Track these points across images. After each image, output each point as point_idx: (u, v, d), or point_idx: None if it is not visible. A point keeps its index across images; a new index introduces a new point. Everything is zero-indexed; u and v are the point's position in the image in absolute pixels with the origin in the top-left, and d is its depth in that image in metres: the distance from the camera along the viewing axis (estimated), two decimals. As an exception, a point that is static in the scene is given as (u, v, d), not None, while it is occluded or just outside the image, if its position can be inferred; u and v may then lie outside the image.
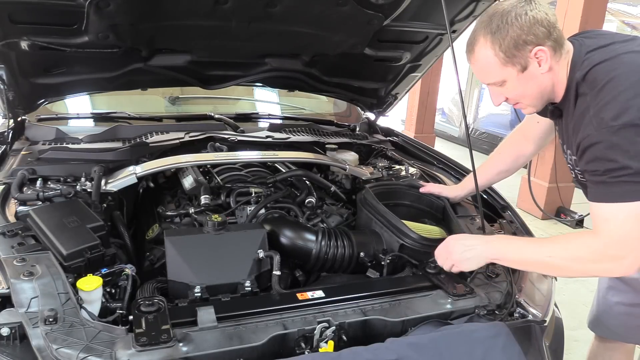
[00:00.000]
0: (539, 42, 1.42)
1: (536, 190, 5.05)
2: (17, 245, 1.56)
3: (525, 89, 1.51)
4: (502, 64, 1.46)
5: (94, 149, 2.30)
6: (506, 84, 1.51)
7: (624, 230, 1.36)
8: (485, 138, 7.94)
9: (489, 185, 2.15)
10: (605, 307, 2.08)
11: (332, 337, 1.39)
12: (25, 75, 2.28)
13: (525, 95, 1.54)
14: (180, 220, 2.03)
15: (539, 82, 1.49)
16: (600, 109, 1.37)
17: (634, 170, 1.32)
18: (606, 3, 4.90)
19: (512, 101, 1.58)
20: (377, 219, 1.91)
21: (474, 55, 1.51)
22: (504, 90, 1.53)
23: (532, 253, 1.54)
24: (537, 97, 1.54)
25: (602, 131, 1.35)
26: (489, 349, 1.36)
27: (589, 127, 1.39)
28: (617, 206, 1.36)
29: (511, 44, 1.42)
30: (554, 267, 1.51)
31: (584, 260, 1.44)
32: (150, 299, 1.42)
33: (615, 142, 1.34)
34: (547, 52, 1.44)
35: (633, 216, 1.35)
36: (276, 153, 2.34)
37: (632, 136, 1.32)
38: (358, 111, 3.34)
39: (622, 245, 1.37)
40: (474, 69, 1.56)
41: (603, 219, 1.40)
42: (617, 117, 1.33)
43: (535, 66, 1.45)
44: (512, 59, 1.44)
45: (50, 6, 1.91)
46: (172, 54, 2.40)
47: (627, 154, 1.32)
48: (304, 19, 2.23)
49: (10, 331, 1.27)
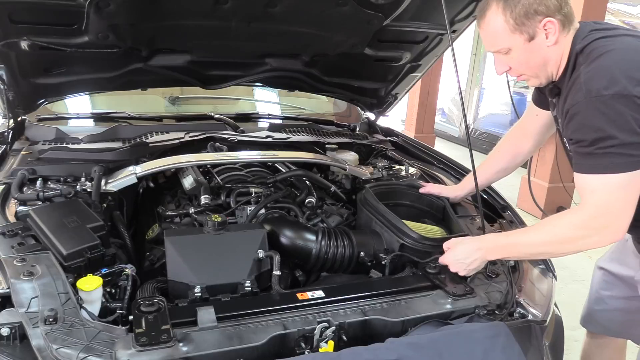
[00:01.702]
0: (549, 13, 1.44)
1: (536, 190, 5.04)
2: (17, 245, 1.56)
3: (529, 59, 1.52)
4: (511, 31, 1.47)
5: (94, 149, 2.30)
6: (511, 52, 1.52)
7: (609, 200, 1.40)
8: (485, 138, 7.94)
9: (489, 184, 2.16)
10: (598, 301, 2.10)
11: (332, 337, 1.39)
12: (25, 75, 2.28)
13: (528, 66, 1.55)
14: (180, 220, 2.03)
15: (543, 54, 1.51)
16: (591, 78, 1.39)
17: (620, 142, 1.34)
18: (606, 3, 4.91)
19: (514, 72, 1.59)
20: (378, 219, 1.91)
21: (484, 20, 1.52)
22: (509, 59, 1.54)
23: (526, 246, 1.59)
24: (540, 69, 1.55)
25: (592, 99, 1.37)
26: (488, 349, 1.36)
27: (578, 94, 1.41)
28: (604, 177, 1.39)
29: (522, 11, 1.44)
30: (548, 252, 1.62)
31: (574, 238, 1.48)
32: (150, 299, 1.42)
33: (603, 111, 1.35)
34: (555, 25, 1.46)
35: (618, 187, 1.38)
36: (276, 153, 2.34)
37: (620, 107, 1.34)
38: (358, 111, 3.34)
39: (606, 215, 1.41)
40: (482, 35, 1.57)
41: (589, 191, 1.43)
42: (607, 87, 1.35)
43: (543, 37, 1.47)
44: (521, 27, 1.46)
45: (50, 6, 1.91)
46: (172, 54, 2.40)
47: (614, 123, 1.34)
48: (304, 19, 2.23)
49: (10, 331, 1.27)
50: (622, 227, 1.42)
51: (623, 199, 1.40)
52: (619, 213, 1.41)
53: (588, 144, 1.40)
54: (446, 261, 1.66)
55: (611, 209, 1.41)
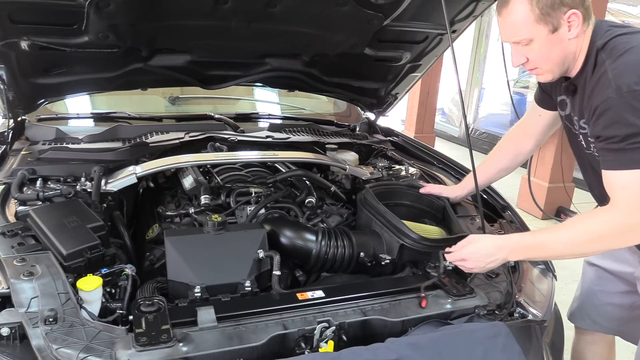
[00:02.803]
0: (574, 5, 1.44)
1: (536, 190, 5.05)
2: (17, 245, 1.56)
3: (550, 52, 1.50)
4: (535, 21, 1.45)
5: (94, 149, 2.30)
6: (533, 43, 1.49)
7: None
8: (485, 138, 7.94)
9: (489, 183, 2.15)
10: (590, 297, 2.10)
11: (332, 337, 1.39)
12: (25, 75, 2.28)
13: (548, 59, 1.52)
14: (180, 220, 2.03)
15: (564, 47, 1.49)
16: (620, 74, 1.37)
17: None
18: (606, 3, 4.90)
19: (530, 64, 1.55)
20: (377, 219, 1.91)
21: (508, 8, 1.48)
22: (528, 50, 1.51)
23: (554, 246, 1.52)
24: (559, 63, 1.53)
25: (624, 95, 1.35)
26: (489, 349, 1.36)
27: (607, 90, 1.39)
28: (636, 172, 1.36)
29: (549, 1, 1.42)
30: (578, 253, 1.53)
31: (606, 237, 1.44)
32: (150, 299, 1.42)
33: (636, 106, 1.34)
34: (579, 17, 1.45)
35: None
36: (276, 153, 2.34)
37: None
38: (358, 111, 3.34)
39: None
40: (502, 24, 1.53)
41: (620, 187, 1.40)
42: (639, 82, 1.34)
43: (565, 30, 1.46)
44: (546, 18, 1.44)
45: (50, 6, 1.91)
46: (172, 54, 2.40)
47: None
48: (304, 19, 2.23)
49: (10, 331, 1.27)
50: None
51: None
52: None
53: (620, 140, 1.37)
54: (464, 256, 1.58)
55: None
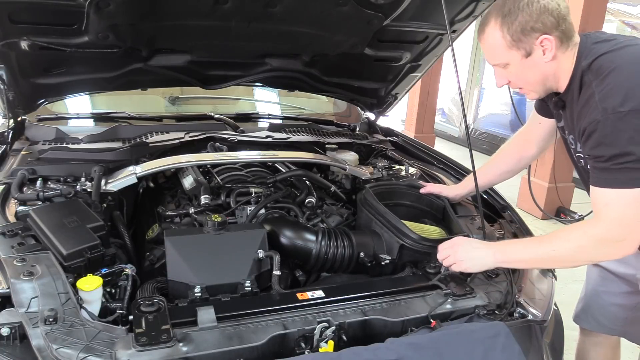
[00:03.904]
0: (546, 30, 1.47)
1: (536, 190, 5.05)
2: (17, 245, 1.56)
3: (527, 75, 1.56)
4: (508, 47, 1.50)
5: (94, 149, 2.30)
6: (509, 67, 1.55)
7: (624, 214, 1.42)
8: (485, 138, 7.94)
9: (491, 185, 2.16)
10: (594, 297, 2.10)
11: (332, 337, 1.39)
12: (25, 75, 2.28)
13: (526, 81, 1.58)
14: (180, 220, 2.03)
15: (541, 70, 1.54)
16: (606, 95, 1.41)
17: (637, 157, 1.36)
18: (606, 3, 4.90)
19: (514, 85, 1.62)
20: (377, 219, 1.91)
21: (484, 35, 1.56)
22: (507, 73, 1.58)
23: (536, 252, 1.58)
24: (538, 84, 1.59)
25: (609, 116, 1.38)
26: (488, 349, 1.36)
27: (594, 112, 1.42)
28: (619, 192, 1.41)
29: (519, 28, 1.47)
30: (559, 260, 1.57)
31: (586, 249, 1.49)
32: (150, 299, 1.42)
33: (621, 128, 1.37)
34: (552, 42, 1.48)
35: (633, 202, 1.40)
36: (276, 153, 2.34)
37: (637, 121, 1.36)
38: (358, 111, 3.34)
39: (621, 228, 1.43)
40: (482, 48, 1.61)
41: (604, 204, 1.45)
42: (623, 104, 1.37)
43: (540, 54, 1.50)
44: (518, 44, 1.49)
45: (50, 6, 1.91)
46: (172, 54, 2.40)
47: (632, 140, 1.36)
48: (304, 19, 2.23)
49: (10, 331, 1.27)
50: (635, 242, 1.44)
51: (637, 213, 1.41)
52: (633, 227, 1.42)
53: (605, 160, 1.42)
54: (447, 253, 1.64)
55: (625, 222, 1.42)
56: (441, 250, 1.68)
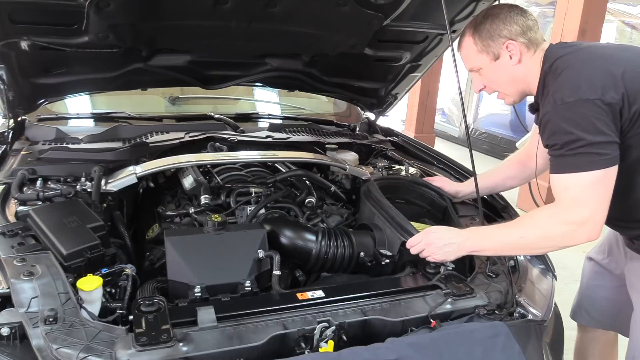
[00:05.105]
0: (511, 36, 1.65)
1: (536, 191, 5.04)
2: (17, 245, 1.56)
3: (497, 77, 1.72)
4: (479, 52, 1.69)
5: (94, 149, 2.30)
6: (482, 71, 1.73)
7: (582, 195, 1.49)
8: (485, 138, 7.94)
9: (496, 190, 2.18)
10: (588, 291, 2.15)
11: (332, 337, 1.39)
12: (25, 75, 2.28)
13: (498, 83, 1.74)
14: (180, 220, 2.03)
15: (510, 73, 1.69)
16: (557, 90, 1.52)
17: (587, 142, 1.45)
18: (606, 3, 4.90)
19: (489, 89, 1.78)
20: (380, 214, 1.91)
21: (460, 45, 1.77)
22: (482, 78, 1.75)
23: (505, 238, 1.65)
24: (510, 86, 1.73)
25: (558, 107, 1.50)
26: (488, 348, 1.36)
27: (547, 105, 1.55)
28: (575, 175, 1.49)
29: (487, 35, 1.67)
30: (527, 246, 1.64)
31: (551, 232, 1.55)
32: (150, 299, 1.42)
33: (569, 117, 1.48)
34: (517, 46, 1.64)
35: (589, 183, 1.48)
36: (276, 153, 2.34)
37: (583, 110, 1.46)
38: (358, 111, 3.34)
39: (581, 209, 1.49)
40: (460, 57, 1.79)
41: (563, 189, 1.52)
42: (570, 95, 1.48)
43: (507, 57, 1.66)
44: (487, 48, 1.67)
45: (50, 6, 1.91)
46: (172, 54, 2.40)
47: (580, 126, 1.46)
48: (304, 19, 2.23)
49: (10, 331, 1.27)
50: (598, 224, 1.50)
51: (595, 194, 1.48)
52: (593, 208, 1.49)
53: (559, 147, 1.51)
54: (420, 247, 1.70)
55: (584, 202, 1.49)
56: (413, 243, 1.72)
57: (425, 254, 1.69)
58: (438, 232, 1.72)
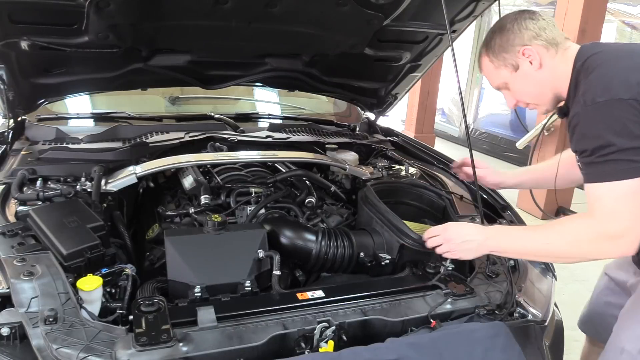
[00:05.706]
0: (525, 42, 1.55)
1: (536, 191, 5.05)
2: (17, 245, 1.56)
3: (524, 87, 1.61)
4: (496, 68, 1.62)
5: (94, 149, 2.30)
6: (509, 85, 1.63)
7: (616, 208, 1.37)
8: (485, 138, 7.94)
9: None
10: (598, 307, 2.07)
11: (332, 337, 1.39)
12: (25, 75, 2.28)
13: (527, 94, 1.63)
14: (180, 220, 2.03)
15: (535, 79, 1.58)
16: (587, 88, 1.42)
17: (617, 148, 1.34)
18: (606, 3, 4.90)
19: (522, 103, 1.67)
20: (378, 218, 1.91)
21: (480, 67, 1.69)
22: (512, 93, 1.65)
23: (529, 242, 1.55)
24: (541, 94, 1.61)
25: (587, 108, 1.39)
26: (488, 349, 1.36)
27: (576, 106, 1.44)
28: (608, 185, 1.38)
29: (500, 48, 1.59)
30: (552, 253, 1.54)
31: (580, 242, 1.44)
32: (150, 299, 1.42)
33: (599, 118, 1.37)
34: (534, 50, 1.54)
35: (623, 194, 1.36)
36: (276, 153, 2.34)
37: (615, 112, 1.35)
38: (358, 111, 3.34)
39: (616, 223, 1.37)
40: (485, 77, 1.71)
41: (596, 198, 1.41)
42: (601, 94, 1.37)
43: (527, 64, 1.56)
44: (504, 62, 1.59)
45: (50, 6, 1.91)
46: (172, 54, 2.40)
47: (611, 129, 1.35)
48: (304, 19, 2.23)
49: (10, 331, 1.27)
50: (635, 239, 1.38)
51: (631, 206, 1.36)
52: (630, 221, 1.36)
53: (589, 153, 1.40)
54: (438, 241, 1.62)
55: (618, 216, 1.37)
56: (432, 237, 1.65)
57: (442, 250, 1.62)
58: (459, 227, 1.64)
